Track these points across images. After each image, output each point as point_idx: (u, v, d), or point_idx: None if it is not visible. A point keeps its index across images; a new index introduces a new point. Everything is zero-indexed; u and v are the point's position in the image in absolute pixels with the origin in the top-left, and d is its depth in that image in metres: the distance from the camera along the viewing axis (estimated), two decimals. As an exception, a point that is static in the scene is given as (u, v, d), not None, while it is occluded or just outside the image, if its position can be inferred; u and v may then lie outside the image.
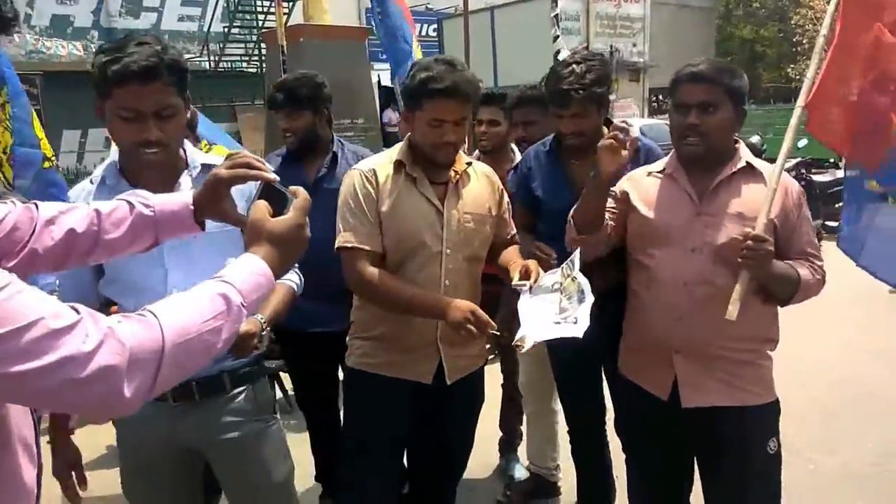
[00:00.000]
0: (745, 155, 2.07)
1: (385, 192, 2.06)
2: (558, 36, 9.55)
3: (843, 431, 3.79)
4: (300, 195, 1.22)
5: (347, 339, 2.27)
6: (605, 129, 2.43)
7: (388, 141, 11.53)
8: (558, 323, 1.85)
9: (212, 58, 13.90)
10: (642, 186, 2.18)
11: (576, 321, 1.80)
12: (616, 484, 2.78)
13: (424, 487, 2.41)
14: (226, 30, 13.90)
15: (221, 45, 13.88)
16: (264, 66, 12.48)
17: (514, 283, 2.02)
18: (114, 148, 1.85)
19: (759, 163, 2.08)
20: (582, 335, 1.76)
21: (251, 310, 1.08)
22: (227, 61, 14.19)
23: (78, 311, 0.89)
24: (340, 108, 4.62)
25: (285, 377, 4.14)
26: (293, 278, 1.98)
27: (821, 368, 4.55)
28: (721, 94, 1.97)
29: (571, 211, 2.14)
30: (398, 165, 2.09)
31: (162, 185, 1.69)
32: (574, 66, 2.29)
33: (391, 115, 14.59)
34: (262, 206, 1.18)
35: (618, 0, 20.57)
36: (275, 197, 1.22)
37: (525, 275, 2.01)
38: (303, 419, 3.19)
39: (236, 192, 1.37)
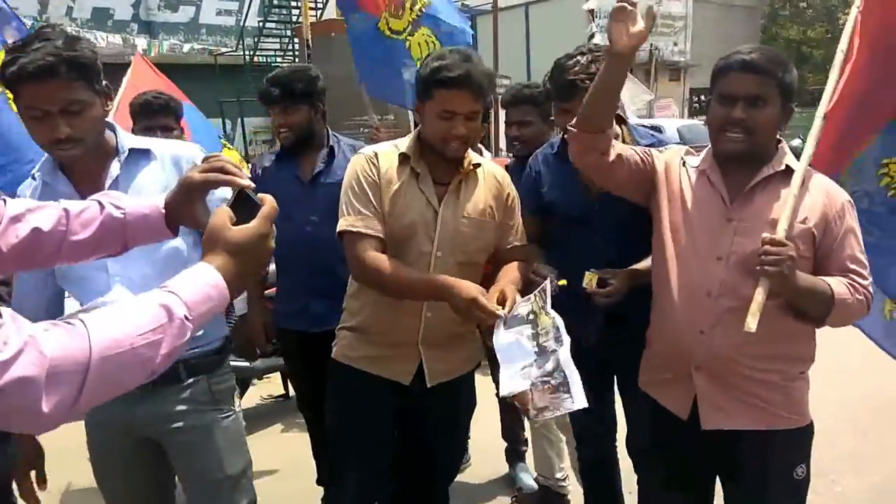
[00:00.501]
0: (787, 157, 1.87)
1: (385, 182, 1.99)
2: (594, 33, 9.36)
3: (873, 448, 3.55)
4: (267, 203, 1.12)
5: (336, 329, 2.20)
6: (618, 128, 2.28)
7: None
8: (546, 381, 1.72)
9: (247, 52, 13.98)
10: (673, 175, 1.98)
11: (564, 379, 1.69)
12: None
13: (412, 489, 2.31)
14: (260, 24, 13.98)
15: (256, 40, 13.96)
16: (297, 60, 12.51)
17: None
18: None
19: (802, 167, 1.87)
20: (587, 404, 1.66)
21: (199, 323, 0.98)
22: (261, 55, 14.26)
23: (0, 316, 0.81)
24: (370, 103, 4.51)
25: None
26: None
27: (846, 379, 4.22)
28: (772, 88, 1.77)
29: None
30: (403, 158, 2.01)
31: (91, 174, 1.70)
32: (579, 56, 2.17)
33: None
34: (223, 213, 1.09)
35: (659, -2, 20.22)
36: (248, 204, 1.13)
37: (501, 301, 1.88)
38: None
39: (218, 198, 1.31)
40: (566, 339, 1.74)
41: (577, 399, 1.67)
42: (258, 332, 2.97)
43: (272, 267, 2.95)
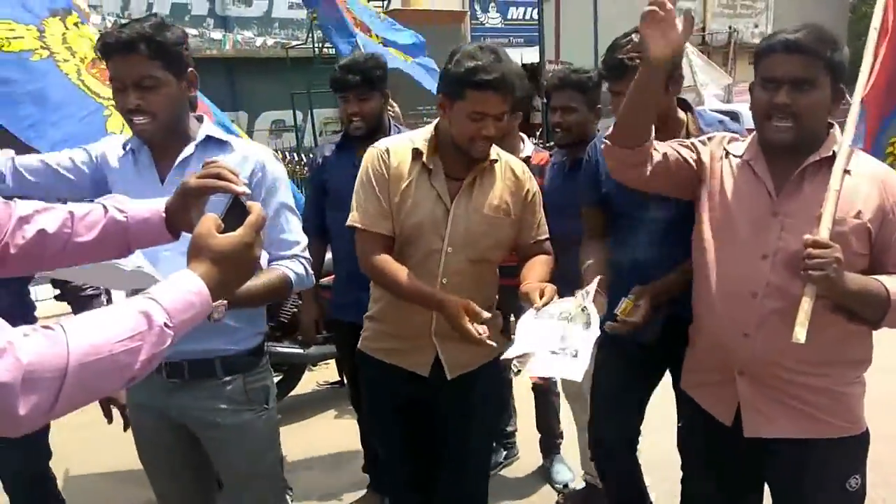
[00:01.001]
0: (835, 144, 1.70)
1: (396, 177, 1.97)
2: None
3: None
4: (254, 211, 1.12)
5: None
6: (681, 114, 2.16)
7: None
8: (555, 353, 1.69)
9: (316, 45, 14.19)
10: (716, 166, 1.85)
11: (576, 354, 1.65)
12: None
13: (446, 481, 2.27)
14: (330, 16, 14.16)
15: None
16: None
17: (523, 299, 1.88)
18: None
19: (858, 154, 1.72)
20: (581, 378, 1.62)
21: (180, 330, 0.98)
22: (330, 48, 14.44)
23: None
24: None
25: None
26: (294, 267, 1.84)
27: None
28: (820, 69, 1.62)
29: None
30: (416, 153, 1.98)
31: (168, 153, 1.81)
32: (634, 34, 2.03)
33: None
34: (209, 221, 1.09)
35: (738, -22, 19.41)
36: (241, 211, 1.13)
37: (539, 296, 1.83)
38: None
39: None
40: (595, 330, 1.71)
41: (577, 371, 1.66)
42: (308, 323, 3.03)
43: (329, 256, 2.98)
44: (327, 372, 4.63)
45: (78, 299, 2.30)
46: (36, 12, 2.58)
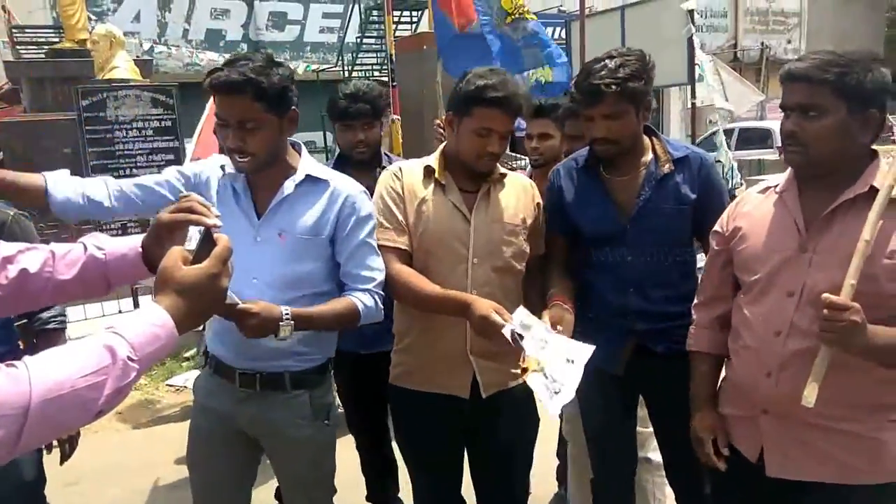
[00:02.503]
0: (877, 176, 1.60)
1: (412, 195, 2.04)
2: (692, 34, 8.96)
3: None
4: (220, 243, 1.14)
5: (391, 353, 2.23)
6: (646, 140, 2.16)
7: (515, 146, 11.39)
8: (547, 379, 1.74)
9: (346, 67, 14.39)
10: (752, 205, 1.83)
11: (559, 391, 1.70)
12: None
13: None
14: (359, 40, 14.36)
15: (354, 55, 14.34)
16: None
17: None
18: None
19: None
20: (556, 415, 1.69)
21: (146, 363, 1.00)
22: (359, 70, 14.63)
23: None
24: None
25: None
26: (365, 300, 1.93)
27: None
28: (826, 95, 1.57)
29: None
30: (428, 171, 2.05)
31: (267, 186, 1.91)
32: (607, 60, 2.04)
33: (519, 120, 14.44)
34: (175, 253, 1.11)
35: (771, -6, 19.22)
36: (212, 244, 1.15)
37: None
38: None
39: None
40: (580, 367, 1.77)
41: (555, 407, 1.72)
42: None
43: None
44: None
45: (42, 332, 2.27)
46: None
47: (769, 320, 1.69)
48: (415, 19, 14.00)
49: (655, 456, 2.74)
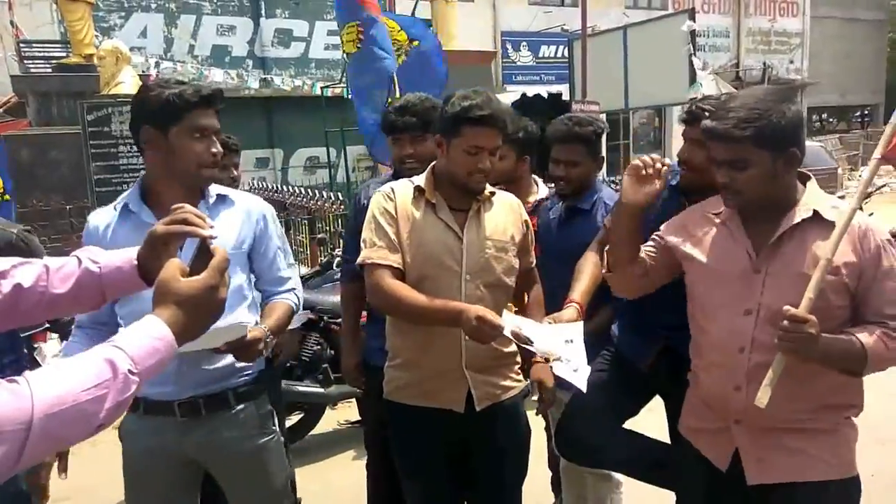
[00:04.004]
0: (812, 201, 1.76)
1: (403, 215, 2.07)
2: (693, 53, 9.02)
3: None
4: (218, 254, 1.14)
5: (384, 367, 2.25)
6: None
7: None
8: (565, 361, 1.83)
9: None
10: (697, 228, 1.92)
11: (577, 369, 1.79)
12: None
13: None
14: (363, 56, 14.46)
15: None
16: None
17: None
18: (142, 173, 1.99)
19: (834, 211, 1.73)
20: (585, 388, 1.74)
21: (146, 376, 1.00)
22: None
23: None
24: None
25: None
26: (293, 299, 2.11)
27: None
28: (749, 149, 1.69)
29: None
30: (418, 191, 2.10)
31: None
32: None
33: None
34: (173, 266, 1.11)
35: (773, 15, 19.34)
36: (209, 255, 1.15)
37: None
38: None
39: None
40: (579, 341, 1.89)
41: (582, 382, 1.83)
42: (350, 367, 2.85)
43: None
44: (349, 411, 4.62)
45: (68, 332, 2.28)
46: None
47: (731, 338, 1.79)
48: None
49: (617, 474, 2.77)
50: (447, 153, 2.05)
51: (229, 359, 1.87)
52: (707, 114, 1.94)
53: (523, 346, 1.88)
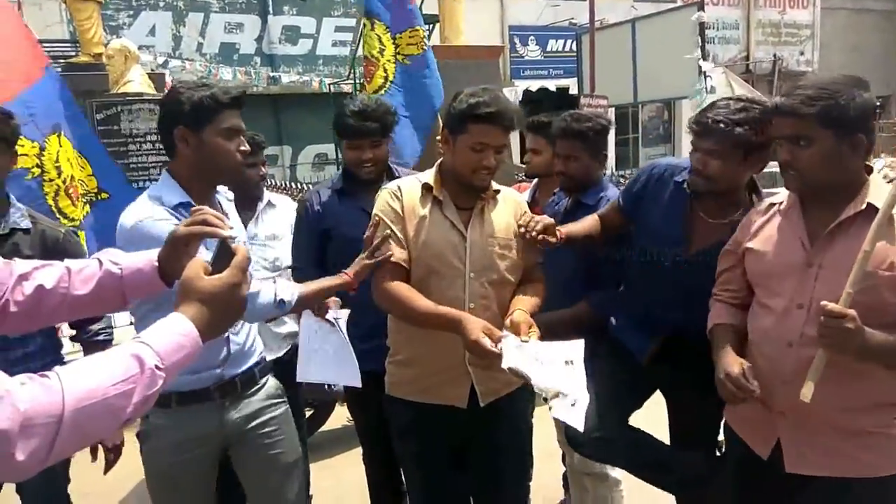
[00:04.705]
0: (873, 192, 1.71)
1: (410, 212, 2.09)
2: (702, 46, 8.95)
3: None
4: (239, 253, 1.16)
5: (385, 363, 2.26)
6: (747, 196, 2.17)
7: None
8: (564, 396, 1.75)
9: (358, 80, 14.48)
10: (758, 217, 1.94)
11: (574, 403, 1.73)
12: None
13: None
14: (370, 53, 14.47)
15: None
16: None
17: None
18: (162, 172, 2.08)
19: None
20: (583, 427, 1.71)
21: (172, 372, 1.02)
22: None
23: None
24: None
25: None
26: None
27: None
28: (813, 126, 1.68)
29: None
30: (425, 188, 2.11)
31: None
32: (732, 101, 2.06)
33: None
34: (196, 264, 1.14)
35: (783, 6, 19.19)
36: (229, 254, 1.18)
37: (516, 330, 1.90)
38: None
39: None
40: (579, 363, 1.83)
41: (578, 420, 1.72)
42: None
43: None
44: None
45: (92, 343, 2.38)
46: (41, 130, 2.86)
47: (781, 332, 1.79)
48: (426, 32, 14.09)
49: (615, 472, 2.78)
50: (453, 150, 2.06)
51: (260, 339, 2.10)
52: (714, 124, 1.96)
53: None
